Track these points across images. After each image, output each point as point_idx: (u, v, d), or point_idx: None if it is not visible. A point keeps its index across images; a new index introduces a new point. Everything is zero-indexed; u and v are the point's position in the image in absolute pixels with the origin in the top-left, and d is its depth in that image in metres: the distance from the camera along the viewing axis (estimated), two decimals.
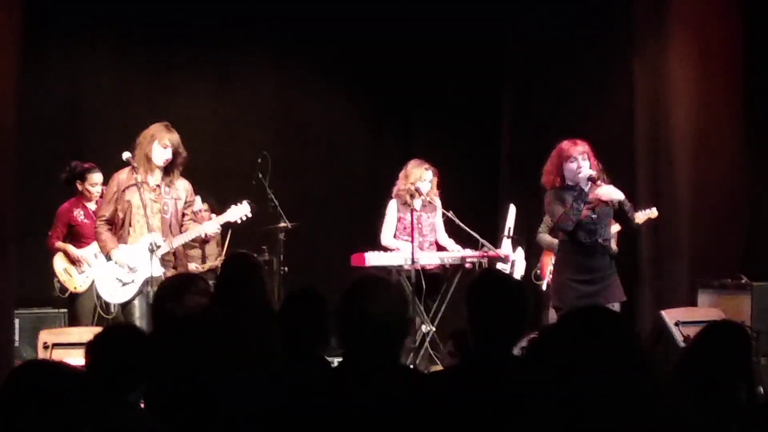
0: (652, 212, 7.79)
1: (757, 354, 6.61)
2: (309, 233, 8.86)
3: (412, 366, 7.01)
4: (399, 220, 7.89)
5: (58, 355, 6.35)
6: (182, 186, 6.80)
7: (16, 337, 7.56)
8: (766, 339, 6.78)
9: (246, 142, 9.68)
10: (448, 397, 3.16)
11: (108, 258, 6.72)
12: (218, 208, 8.37)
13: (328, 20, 10.13)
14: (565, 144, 6.36)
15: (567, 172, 6.31)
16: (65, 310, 7.93)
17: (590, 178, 6.23)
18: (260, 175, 8.46)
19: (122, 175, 6.70)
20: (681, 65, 8.12)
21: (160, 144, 6.63)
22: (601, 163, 6.44)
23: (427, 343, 7.67)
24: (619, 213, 6.43)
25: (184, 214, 6.80)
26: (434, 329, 7.69)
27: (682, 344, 6.75)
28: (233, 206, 7.01)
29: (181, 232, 6.75)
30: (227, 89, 10.08)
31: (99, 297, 6.98)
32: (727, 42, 8.07)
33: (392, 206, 7.92)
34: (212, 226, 6.95)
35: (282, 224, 8.40)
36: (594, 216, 6.33)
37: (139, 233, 6.65)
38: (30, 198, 8.01)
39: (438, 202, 7.95)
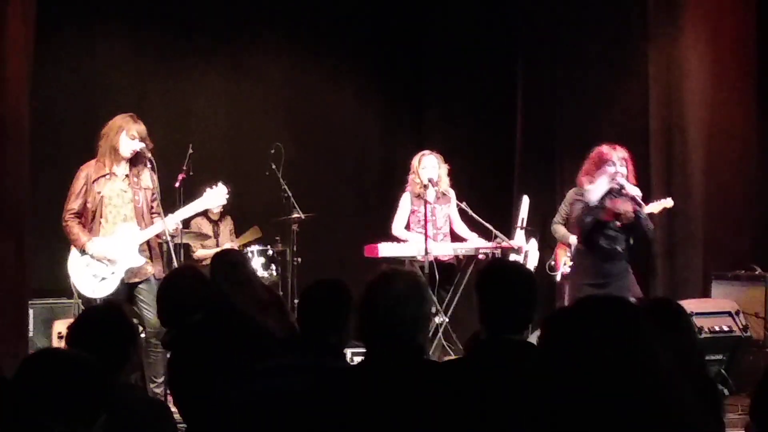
0: (668, 202, 7.37)
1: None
2: (322, 224, 8.86)
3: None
4: (412, 212, 7.85)
5: None
6: (148, 177, 6.62)
7: (30, 327, 7.60)
8: None
9: (259, 132, 9.70)
10: (461, 386, 3.15)
11: (82, 252, 6.48)
12: (233, 199, 8.41)
13: (340, 9, 10.13)
14: (605, 147, 6.59)
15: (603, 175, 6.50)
16: (78, 300, 7.93)
17: (617, 189, 6.43)
18: (273, 166, 8.47)
19: (89, 168, 6.53)
20: (695, 53, 8.08)
21: (128, 135, 6.47)
22: (637, 174, 6.68)
23: (440, 334, 7.66)
24: (636, 224, 6.58)
25: (151, 206, 6.64)
26: (447, 320, 7.68)
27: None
28: (208, 189, 6.82)
29: (152, 223, 6.58)
30: (241, 80, 10.09)
31: (80, 296, 6.65)
32: (741, 30, 8.03)
33: (405, 198, 7.90)
34: (179, 216, 6.62)
35: (295, 215, 8.41)
36: (618, 224, 6.53)
37: (112, 224, 6.49)
38: (43, 188, 8.04)
39: (452, 193, 7.92)
